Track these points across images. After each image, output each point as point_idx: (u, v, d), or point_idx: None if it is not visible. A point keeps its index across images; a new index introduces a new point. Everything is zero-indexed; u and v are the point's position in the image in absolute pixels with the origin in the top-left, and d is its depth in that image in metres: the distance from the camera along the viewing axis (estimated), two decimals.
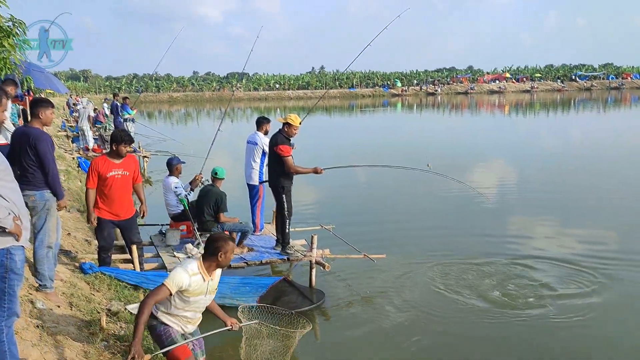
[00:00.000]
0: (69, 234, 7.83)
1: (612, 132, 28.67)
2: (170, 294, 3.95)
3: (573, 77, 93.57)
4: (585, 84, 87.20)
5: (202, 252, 7.52)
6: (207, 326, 4.48)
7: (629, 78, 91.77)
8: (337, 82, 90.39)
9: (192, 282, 3.99)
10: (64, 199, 5.29)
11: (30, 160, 5.01)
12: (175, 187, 8.11)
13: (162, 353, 4.08)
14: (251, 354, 4.67)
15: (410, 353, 5.93)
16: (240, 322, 4.55)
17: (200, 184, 8.36)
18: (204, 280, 4.08)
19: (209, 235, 7.67)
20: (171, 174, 8.32)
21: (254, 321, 4.66)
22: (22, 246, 3.20)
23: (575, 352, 5.89)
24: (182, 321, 4.14)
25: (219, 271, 4.30)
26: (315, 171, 7.67)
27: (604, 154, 20.53)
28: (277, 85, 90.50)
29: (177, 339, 4.06)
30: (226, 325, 4.40)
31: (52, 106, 5.42)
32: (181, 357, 3.98)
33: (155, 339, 4.13)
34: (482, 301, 7.09)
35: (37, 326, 4.13)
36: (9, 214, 3.03)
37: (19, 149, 5.03)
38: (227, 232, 7.81)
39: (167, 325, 4.08)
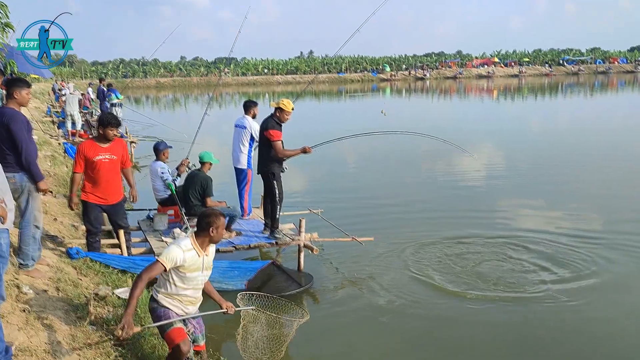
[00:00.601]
0: (56, 219, 7.77)
1: (597, 116, 28.89)
2: (165, 270, 4.00)
3: (561, 61, 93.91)
4: (572, 68, 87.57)
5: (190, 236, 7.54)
6: (204, 309, 4.50)
7: (616, 62, 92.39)
8: (326, 67, 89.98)
9: (187, 257, 4.04)
10: (43, 181, 5.15)
11: (7, 142, 4.93)
12: (162, 172, 8.07)
13: (161, 335, 4.11)
14: (247, 340, 4.67)
15: (398, 335, 6.00)
16: (238, 307, 4.56)
17: (187, 169, 8.33)
18: (199, 256, 4.12)
19: (195, 219, 7.70)
20: (158, 158, 8.28)
21: (251, 307, 4.67)
22: (7, 229, 3.18)
23: (566, 335, 5.98)
24: (184, 301, 4.17)
25: (213, 247, 4.33)
26: (304, 151, 7.64)
27: (589, 137, 20.69)
28: (266, 70, 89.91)
29: (175, 323, 4.10)
30: (221, 308, 4.42)
31: (28, 86, 5.28)
32: (176, 339, 4.00)
33: (155, 321, 4.18)
34: (470, 283, 7.15)
35: (24, 310, 4.11)
36: None
37: None
38: None
39: (167, 308, 4.12)
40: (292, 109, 7.65)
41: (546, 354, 5.53)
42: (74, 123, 17.88)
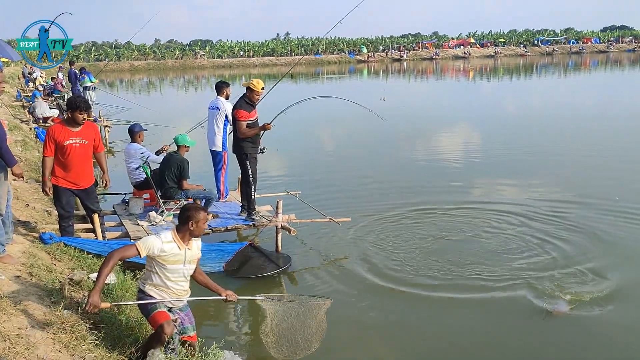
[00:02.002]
0: (27, 204, 7.63)
1: (570, 95, 29.32)
2: (140, 256, 4.03)
3: (535, 42, 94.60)
4: (547, 48, 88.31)
5: (166, 220, 7.49)
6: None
7: (590, 42, 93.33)
8: (303, 49, 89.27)
9: (166, 248, 4.06)
10: (16, 166, 5.04)
11: None
12: (142, 152, 7.99)
13: (147, 319, 4.12)
14: (271, 336, 4.58)
15: (374, 315, 6.08)
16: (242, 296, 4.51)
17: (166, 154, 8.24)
18: (180, 248, 4.14)
19: (172, 202, 7.65)
20: (133, 140, 8.17)
21: (260, 296, 4.65)
22: None
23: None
24: (169, 294, 4.19)
25: (197, 242, 4.33)
26: (264, 128, 7.58)
27: (561, 115, 21.02)
28: (242, 53, 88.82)
29: (160, 307, 4.11)
30: (221, 296, 4.40)
31: None
32: (160, 320, 4.01)
33: (141, 309, 4.20)
34: (445, 261, 7.27)
35: None
36: None
37: None
38: (191, 200, 7.75)
39: (152, 297, 4.14)
40: (262, 89, 7.59)
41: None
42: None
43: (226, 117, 8.37)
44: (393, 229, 8.58)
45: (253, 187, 7.70)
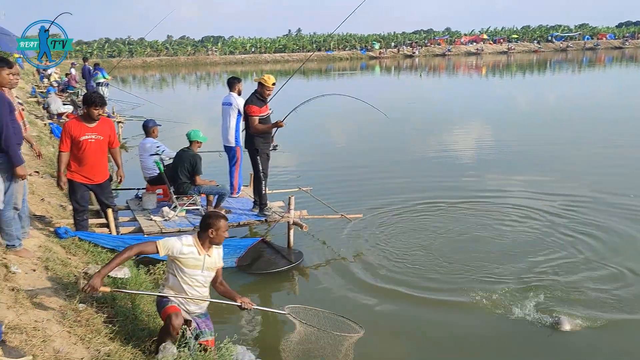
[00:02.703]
0: (43, 199, 7.71)
1: (585, 93, 29.03)
2: (158, 254, 4.10)
3: (549, 38, 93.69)
4: (561, 44, 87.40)
5: (179, 215, 7.54)
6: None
7: (604, 38, 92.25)
8: (315, 45, 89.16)
9: (185, 251, 4.12)
10: (21, 166, 4.96)
11: None
12: (158, 146, 8.07)
13: (160, 316, 4.16)
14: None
15: (385, 312, 6.07)
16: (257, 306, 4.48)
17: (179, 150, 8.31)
18: (199, 254, 4.18)
19: (185, 198, 7.69)
20: (148, 136, 8.26)
21: (283, 311, 4.49)
22: None
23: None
24: (187, 299, 4.24)
25: (218, 250, 4.36)
26: (276, 125, 7.58)
27: (576, 111, 20.82)
28: (253, 49, 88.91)
29: (171, 301, 4.17)
30: (236, 302, 4.36)
31: (9, 66, 5.15)
32: (169, 311, 4.05)
33: (157, 307, 4.27)
34: (460, 259, 7.25)
35: (12, 289, 4.10)
36: None
37: None
38: (203, 195, 7.80)
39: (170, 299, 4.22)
40: (274, 84, 7.60)
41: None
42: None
43: (239, 112, 8.40)
44: (406, 225, 8.57)
45: (264, 182, 7.72)
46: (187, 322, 4.19)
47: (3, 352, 3.13)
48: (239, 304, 4.33)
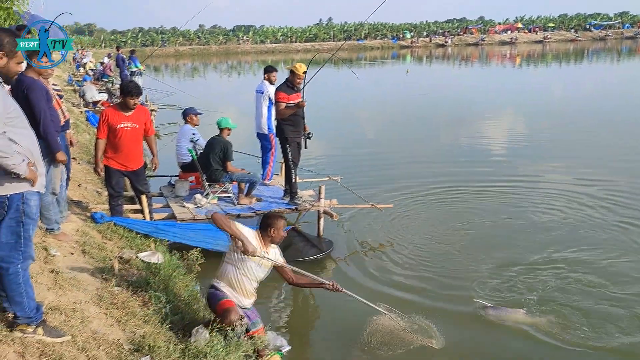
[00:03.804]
0: (80, 185, 7.91)
1: (623, 84, 28.19)
2: (232, 229, 4.21)
3: (587, 26, 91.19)
4: (599, 33, 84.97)
5: (211, 202, 7.63)
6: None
7: None
8: (345, 34, 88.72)
9: (250, 239, 4.27)
10: (60, 152, 5.11)
11: (27, 111, 4.92)
12: (193, 134, 8.28)
13: (213, 309, 4.32)
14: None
15: (414, 300, 6.03)
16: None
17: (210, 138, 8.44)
18: (260, 249, 4.36)
19: (217, 185, 7.77)
20: (186, 122, 8.51)
21: (380, 306, 4.89)
22: (38, 192, 3.23)
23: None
24: (237, 289, 4.36)
25: (275, 249, 4.53)
26: (299, 105, 7.52)
27: (613, 101, 20.24)
28: (283, 38, 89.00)
29: (229, 297, 4.30)
30: (325, 284, 4.62)
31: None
32: (226, 305, 4.18)
33: (209, 301, 4.37)
34: (491, 257, 7.16)
35: (52, 271, 4.23)
36: (24, 160, 3.05)
37: (15, 98, 4.95)
38: (235, 183, 7.87)
39: (224, 292, 4.34)
40: (304, 73, 7.58)
41: None
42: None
43: (270, 100, 8.44)
44: (439, 215, 8.50)
45: (293, 170, 7.75)
46: (240, 318, 4.29)
47: (44, 332, 3.22)
48: (329, 284, 4.59)
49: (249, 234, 4.31)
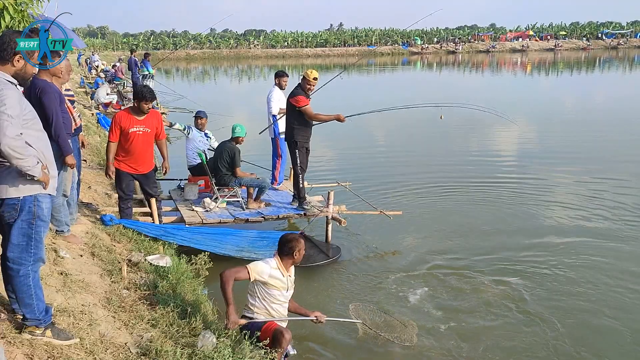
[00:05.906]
0: (90, 187, 7.95)
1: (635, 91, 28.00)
2: (249, 279, 4.28)
3: (599, 35, 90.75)
4: (611, 42, 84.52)
5: (220, 206, 7.63)
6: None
7: None
8: (356, 40, 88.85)
9: (273, 274, 4.35)
10: (70, 155, 5.14)
11: (40, 113, 4.95)
12: (200, 139, 8.47)
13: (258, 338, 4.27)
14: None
15: (422, 308, 6.00)
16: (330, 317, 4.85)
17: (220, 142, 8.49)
18: (283, 275, 4.41)
19: (226, 189, 7.77)
20: (196, 126, 8.67)
21: (355, 319, 5.08)
22: (50, 194, 3.26)
23: None
24: (276, 316, 4.44)
25: (293, 268, 4.62)
26: (338, 118, 7.54)
27: (624, 111, 20.09)
28: (294, 43, 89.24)
29: (268, 320, 4.37)
30: (309, 317, 4.67)
31: (59, 55, 5.31)
32: (274, 326, 4.25)
33: (252, 326, 4.38)
34: (497, 264, 7.12)
35: (61, 273, 4.25)
36: (38, 162, 3.07)
37: (28, 100, 4.98)
38: (244, 187, 7.88)
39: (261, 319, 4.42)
40: (315, 79, 7.57)
41: None
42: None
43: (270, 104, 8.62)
44: (447, 224, 8.45)
45: (301, 175, 7.74)
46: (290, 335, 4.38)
47: (52, 334, 3.24)
48: (313, 319, 4.65)
49: (266, 268, 4.32)
